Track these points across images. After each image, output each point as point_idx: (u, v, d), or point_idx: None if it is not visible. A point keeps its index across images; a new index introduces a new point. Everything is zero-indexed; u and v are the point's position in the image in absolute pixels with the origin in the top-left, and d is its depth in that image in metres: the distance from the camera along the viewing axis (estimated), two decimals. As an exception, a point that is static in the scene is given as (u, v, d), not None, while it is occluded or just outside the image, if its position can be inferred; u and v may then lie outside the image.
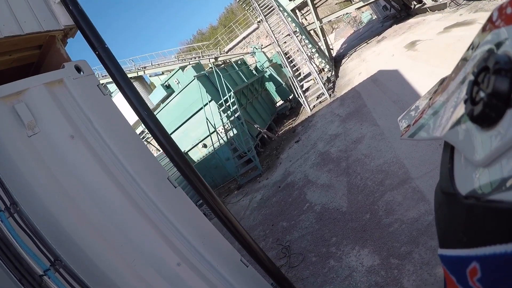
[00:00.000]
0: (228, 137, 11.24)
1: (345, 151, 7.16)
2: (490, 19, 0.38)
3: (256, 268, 3.02)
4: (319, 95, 13.80)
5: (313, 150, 8.59)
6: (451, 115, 0.44)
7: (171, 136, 2.63)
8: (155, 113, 11.40)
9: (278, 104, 18.01)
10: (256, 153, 10.65)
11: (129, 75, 21.61)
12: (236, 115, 11.34)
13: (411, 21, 19.06)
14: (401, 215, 4.25)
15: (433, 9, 16.89)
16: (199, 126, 11.65)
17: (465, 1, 13.07)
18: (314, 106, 13.35)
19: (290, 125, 13.24)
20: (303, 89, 14.22)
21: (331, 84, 14.94)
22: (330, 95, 13.19)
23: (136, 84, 24.08)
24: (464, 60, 0.44)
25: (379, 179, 5.31)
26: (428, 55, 9.79)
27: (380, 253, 3.90)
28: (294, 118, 14.07)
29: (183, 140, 11.83)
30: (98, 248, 1.94)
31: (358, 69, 14.95)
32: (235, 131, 11.20)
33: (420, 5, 19.48)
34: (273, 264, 2.97)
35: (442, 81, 0.63)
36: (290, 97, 17.44)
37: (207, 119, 11.10)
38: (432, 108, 0.55)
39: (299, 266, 4.53)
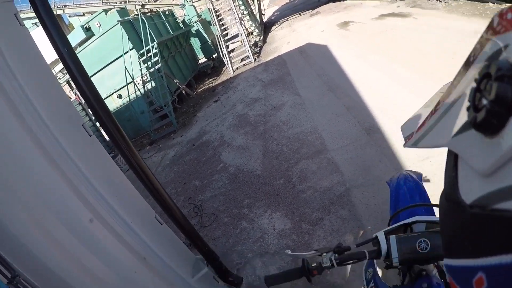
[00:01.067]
0: (146, 90, 10.66)
1: (263, 116, 7.12)
2: (491, 25, 0.37)
3: (170, 226, 2.87)
4: (244, 58, 13.61)
5: (231, 111, 8.46)
6: (454, 123, 0.43)
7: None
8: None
9: (200, 62, 17.44)
10: (173, 109, 10.22)
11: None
12: (156, 67, 10.73)
13: (348, 2, 19.35)
14: (314, 183, 4.30)
15: (371, -6, 17.26)
16: (116, 74, 10.85)
17: None
18: (237, 68, 13.18)
19: (211, 84, 12.99)
20: (229, 49, 13.90)
21: (258, 49, 14.83)
22: (255, 59, 13.07)
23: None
24: (466, 66, 0.43)
25: (296, 147, 5.34)
26: (360, 37, 10.00)
27: (292, 218, 3.93)
28: (215, 78, 13.81)
29: (98, 88, 10.74)
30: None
31: (287, 38, 14.95)
32: (153, 84, 10.63)
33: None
34: (188, 222, 2.82)
35: (444, 88, 0.62)
36: (214, 56, 16.99)
37: (126, 68, 10.34)
38: (434, 115, 0.53)
39: (211, 226, 4.44)
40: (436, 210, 1.91)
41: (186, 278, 2.68)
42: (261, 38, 16.89)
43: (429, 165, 3.79)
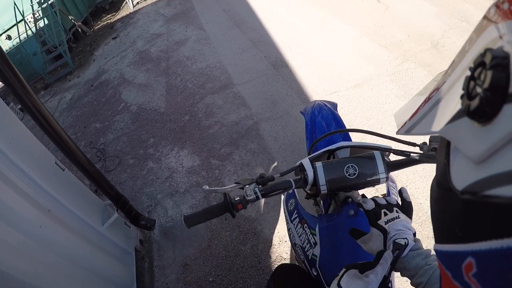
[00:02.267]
0: (38, 28, 9.35)
1: (166, 52, 6.74)
2: (487, 15, 0.38)
3: (74, 172, 2.61)
4: (145, -8, 12.69)
5: (131, 48, 7.89)
6: (447, 111, 0.44)
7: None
8: None
9: (97, -3, 15.95)
10: (68, 48, 9.22)
11: None
12: (49, 2, 9.42)
13: None
14: (221, 118, 4.19)
15: None
16: (3, 12, 9.30)
17: None
18: (138, 3, 12.25)
19: (109, 21, 11.97)
20: (129, -18, 12.82)
21: (160, -17, 13.91)
22: (157, -7, 12.25)
23: None
24: (460, 55, 0.43)
25: (200, 82, 5.14)
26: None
27: (200, 154, 3.81)
28: (113, 14, 12.73)
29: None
30: None
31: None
32: (46, 21, 9.36)
33: None
34: (93, 166, 2.55)
35: (439, 76, 0.61)
36: (113, -11, 15.63)
37: (15, 4, 8.95)
38: (428, 103, 0.53)
39: (116, 169, 4.15)
40: (354, 136, 1.90)
41: (96, 226, 2.46)
42: (163, -29, 15.81)
43: (336, 98, 3.84)
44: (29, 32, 9.27)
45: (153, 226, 3.12)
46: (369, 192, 2.62)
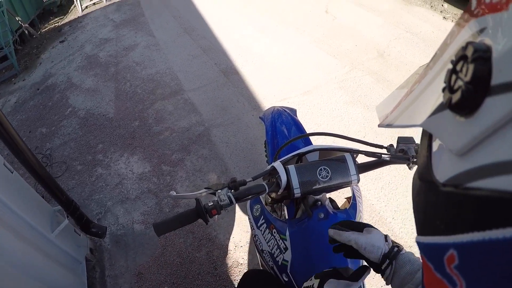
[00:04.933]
0: None
1: (115, 57, 6.64)
2: (468, 8, 0.38)
3: (22, 174, 2.56)
4: (94, -4, 12.39)
5: (79, 52, 7.69)
6: (429, 104, 0.44)
7: None
8: None
9: (45, -1, 15.34)
10: (14, 50, 8.84)
11: None
12: None
13: None
14: (172, 124, 4.20)
15: None
16: None
17: None
18: (86, 7, 11.93)
19: (56, 24, 11.56)
20: (77, -15, 12.46)
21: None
22: (106, -1, 12.01)
23: None
24: (442, 48, 0.44)
25: (150, 88, 5.12)
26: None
27: (151, 160, 3.79)
28: (61, 17, 12.31)
29: None
30: None
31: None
32: None
33: None
34: (44, 169, 2.47)
35: (420, 69, 0.62)
36: (61, -7, 15.09)
37: None
38: (410, 96, 0.54)
39: (63, 175, 4.02)
40: (314, 140, 1.97)
41: (45, 233, 2.36)
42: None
43: (286, 105, 3.95)
44: None
45: (104, 234, 3.05)
46: (335, 195, 2.70)
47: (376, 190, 3.00)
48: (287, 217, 1.49)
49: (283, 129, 1.88)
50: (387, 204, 2.91)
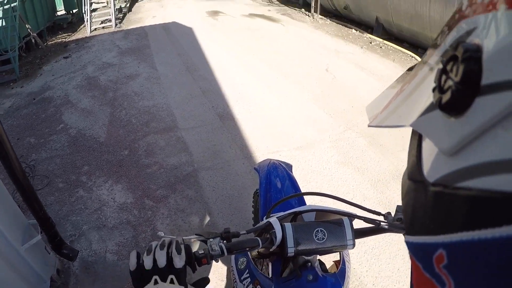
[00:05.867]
0: None
1: (115, 83, 6.73)
2: (459, 9, 0.39)
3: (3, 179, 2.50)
4: (105, 21, 12.64)
5: (81, 71, 7.78)
6: (419, 104, 0.44)
7: None
8: None
9: (59, 13, 15.52)
10: (18, 56, 8.90)
11: None
12: (12, 5, 9.15)
13: (223, -7, 19.49)
14: (161, 159, 4.22)
15: (247, -6, 17.65)
16: None
17: (277, 1, 14.18)
18: (95, 29, 12.16)
19: (64, 39, 11.72)
20: (92, 8, 12.76)
21: (121, 15, 13.94)
22: (116, 24, 12.25)
23: None
24: (432, 48, 0.45)
25: (145, 120, 5.18)
26: (227, 29, 10.18)
27: (134, 192, 3.77)
28: (70, 34, 12.50)
29: None
30: None
31: (154, 12, 14.39)
32: (3, 23, 9.01)
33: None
34: (26, 178, 2.42)
35: (410, 69, 0.63)
36: (75, 11, 15.35)
37: None
38: (400, 96, 0.54)
39: (43, 190, 3.97)
40: (309, 199, 1.99)
41: (15, 244, 2.29)
42: (128, 5, 15.90)
43: (278, 158, 4.00)
44: None
45: (75, 257, 2.95)
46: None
47: (359, 254, 2.99)
48: (270, 274, 1.44)
49: (278, 184, 1.87)
50: (368, 270, 2.90)
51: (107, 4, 13.17)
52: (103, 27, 12.33)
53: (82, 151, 4.57)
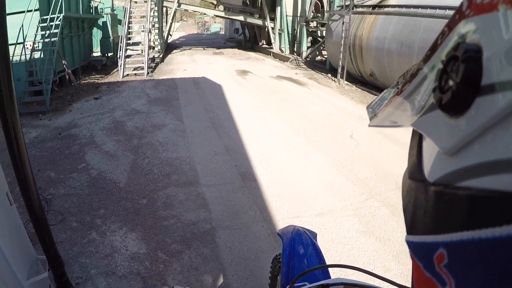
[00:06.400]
0: (32, 58, 9.48)
1: (141, 130, 6.83)
2: (459, 9, 0.38)
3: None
4: (137, 68, 13.17)
5: (109, 114, 7.96)
6: (419, 104, 0.44)
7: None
8: None
9: (94, 54, 16.27)
10: (50, 90, 9.26)
11: None
12: (52, 40, 9.74)
13: (252, 54, 20.29)
14: (179, 213, 4.13)
15: (276, 56, 18.43)
16: (9, 28, 9.17)
17: (305, 65, 14.66)
18: (127, 75, 12.64)
19: (96, 80, 12.19)
20: (126, 54, 13.32)
21: (154, 65, 14.52)
22: (148, 73, 12.74)
23: None
24: (432, 49, 0.43)
25: (167, 171, 5.15)
26: (255, 89, 10.46)
27: (148, 243, 3.65)
28: (103, 76, 13.02)
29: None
30: None
31: (185, 66, 14.95)
32: (42, 55, 9.55)
33: (268, 46, 21.07)
34: (43, 212, 2.36)
35: (410, 70, 0.57)
36: (110, 54, 16.07)
37: (22, 26, 9.15)
38: (400, 96, 0.53)
39: (56, 226, 3.90)
40: (333, 272, 1.90)
41: (20, 277, 2.20)
42: (161, 56, 16.59)
43: (298, 223, 3.90)
44: (23, 57, 9.36)
45: None
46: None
47: None
48: None
49: (302, 252, 1.84)
50: None
51: (142, 52, 13.75)
52: (135, 74, 12.77)
53: (100, 194, 4.52)
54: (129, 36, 14.33)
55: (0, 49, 1.76)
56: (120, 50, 13.00)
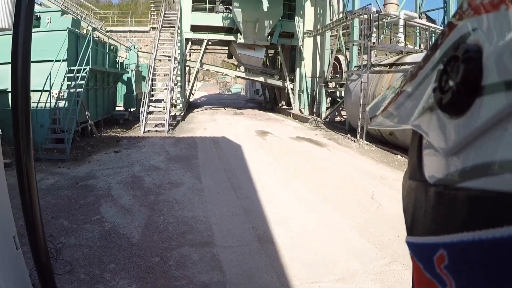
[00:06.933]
0: (56, 106, 9.91)
1: (158, 187, 6.78)
2: (460, 9, 0.39)
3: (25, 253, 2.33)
4: (158, 124, 13.44)
5: (128, 168, 8.00)
6: (420, 104, 0.45)
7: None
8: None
9: (117, 108, 16.78)
10: (72, 139, 9.49)
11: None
12: (77, 91, 10.22)
13: (272, 115, 20.63)
14: (192, 274, 3.95)
15: (296, 117, 18.72)
16: (37, 75, 9.76)
17: (324, 126, 14.81)
18: (148, 131, 12.90)
19: (117, 134, 12.47)
20: (149, 110, 13.66)
21: (175, 122, 14.82)
22: (169, 130, 12.97)
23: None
24: (433, 49, 0.44)
25: (182, 230, 5.01)
26: (274, 150, 10.49)
27: (158, 304, 3.46)
28: (124, 130, 13.32)
29: (9, 78, 9.76)
30: None
31: (206, 125, 15.19)
32: (66, 105, 9.97)
33: (287, 107, 21.50)
34: (49, 261, 2.28)
35: (411, 71, 0.58)
36: (132, 109, 16.53)
37: (50, 75, 9.67)
38: (401, 96, 0.55)
39: (64, 276, 3.76)
40: None
41: None
42: (182, 114, 16.98)
43: (317, 289, 3.69)
44: (48, 105, 9.77)
45: None
46: None
47: None
48: None
49: None
50: None
51: (164, 109, 14.09)
52: (156, 130, 13.02)
53: (112, 248, 4.40)
54: (152, 93, 14.80)
55: (21, 94, 1.76)
56: (142, 106, 13.37)
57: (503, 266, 0.26)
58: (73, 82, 10.31)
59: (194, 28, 20.24)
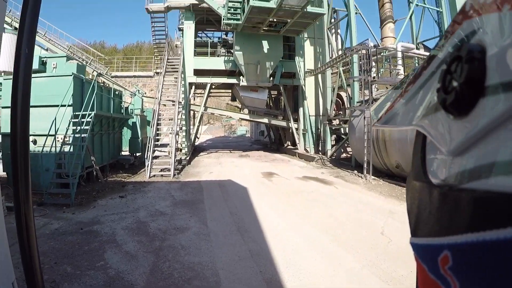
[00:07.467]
0: (62, 150, 10.05)
1: (164, 233, 6.68)
2: (463, 10, 0.39)
3: None
4: (164, 169, 13.45)
5: (133, 214, 7.94)
6: (423, 104, 0.45)
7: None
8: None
9: (123, 153, 16.89)
10: (77, 184, 9.52)
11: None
12: (82, 136, 10.36)
13: (278, 156, 20.64)
14: (198, 323, 3.80)
15: (301, 156, 18.74)
16: (43, 120, 10.10)
17: (330, 164, 14.77)
18: (154, 176, 12.90)
19: (123, 179, 12.47)
20: (154, 155, 13.72)
21: (180, 167, 14.85)
22: (174, 175, 12.96)
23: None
24: (436, 49, 0.44)
25: (188, 276, 4.88)
26: (280, 191, 10.42)
27: None
28: (130, 175, 13.34)
29: (20, 122, 10.01)
30: None
31: (212, 168, 15.19)
32: (71, 149, 10.07)
33: (293, 147, 21.56)
34: None
35: (414, 71, 0.60)
36: (138, 154, 16.62)
37: (55, 119, 9.83)
38: (404, 97, 0.54)
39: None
40: None
41: None
42: (187, 158, 17.04)
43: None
44: (53, 149, 9.86)
45: None
46: None
47: None
48: None
49: None
50: None
51: (169, 154, 14.15)
52: (161, 175, 13.01)
53: (115, 296, 4.27)
54: (157, 137, 14.91)
55: (20, 139, 1.75)
56: (148, 151, 13.45)
57: (508, 267, 0.25)
58: (79, 127, 10.46)
59: (197, 72, 20.72)
